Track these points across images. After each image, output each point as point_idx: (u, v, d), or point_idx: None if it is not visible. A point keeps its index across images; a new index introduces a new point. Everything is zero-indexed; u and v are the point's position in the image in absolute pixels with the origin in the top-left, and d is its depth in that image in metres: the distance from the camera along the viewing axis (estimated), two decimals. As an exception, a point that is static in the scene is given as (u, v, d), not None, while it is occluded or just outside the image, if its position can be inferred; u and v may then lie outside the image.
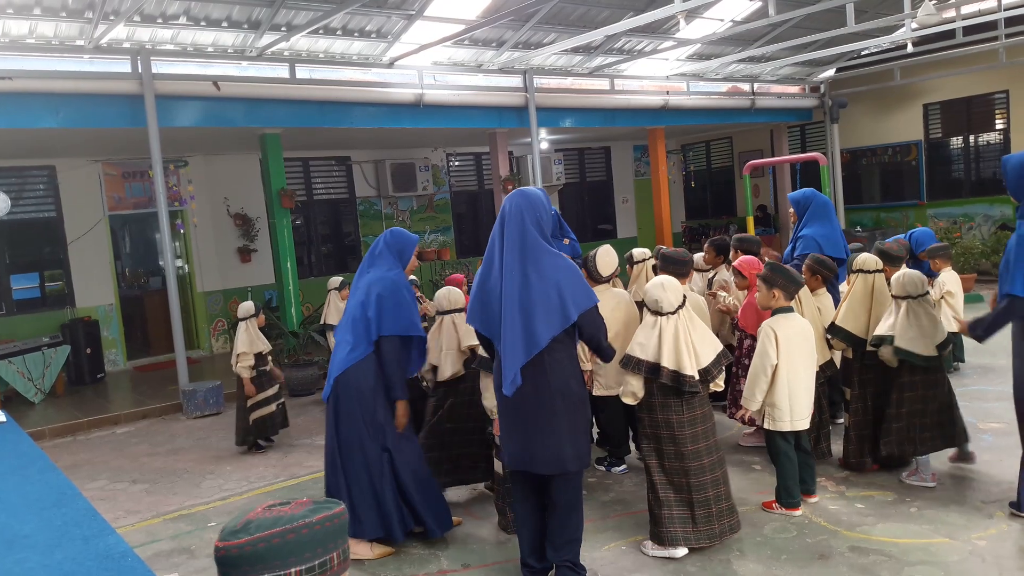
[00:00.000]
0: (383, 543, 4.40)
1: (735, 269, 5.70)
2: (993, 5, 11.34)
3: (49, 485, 2.95)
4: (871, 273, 4.97)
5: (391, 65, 10.19)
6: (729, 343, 5.86)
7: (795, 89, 15.59)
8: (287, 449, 6.91)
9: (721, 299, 5.97)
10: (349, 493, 4.29)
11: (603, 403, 5.24)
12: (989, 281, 4.36)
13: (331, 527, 1.33)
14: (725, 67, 13.86)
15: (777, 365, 4.37)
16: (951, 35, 12.35)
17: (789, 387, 4.39)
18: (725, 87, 14.45)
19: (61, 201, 10.91)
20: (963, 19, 11.34)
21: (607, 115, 12.91)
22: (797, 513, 4.47)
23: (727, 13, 11.54)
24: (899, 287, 4.72)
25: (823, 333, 5.08)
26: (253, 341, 6.69)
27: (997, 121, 14.21)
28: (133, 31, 8.30)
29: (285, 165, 10.51)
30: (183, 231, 11.93)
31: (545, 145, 14.49)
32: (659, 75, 13.25)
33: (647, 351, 3.95)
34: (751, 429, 5.71)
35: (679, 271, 4.99)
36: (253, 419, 6.78)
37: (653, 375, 3.93)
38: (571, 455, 3.60)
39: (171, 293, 8.93)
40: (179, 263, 12.00)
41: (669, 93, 13.40)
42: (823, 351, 5.07)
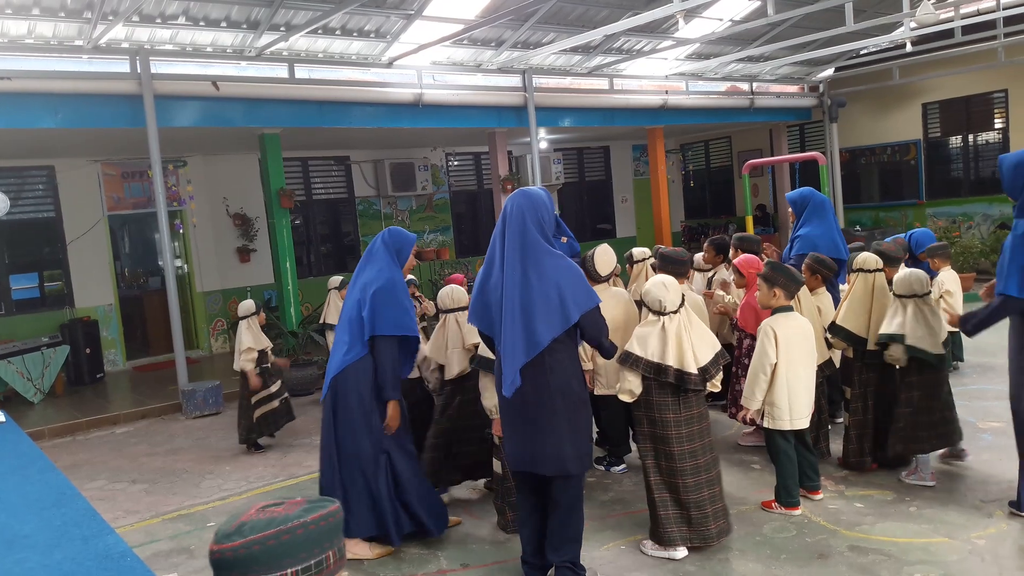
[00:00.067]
0: (381, 543, 4.41)
1: (735, 267, 5.71)
2: (992, 4, 11.34)
3: (48, 485, 2.95)
4: (871, 272, 4.97)
5: (390, 65, 10.19)
6: (729, 343, 5.86)
7: (794, 88, 15.60)
8: (286, 449, 6.91)
9: (719, 298, 5.96)
10: (344, 492, 4.28)
11: (603, 402, 5.25)
12: (988, 280, 4.38)
13: (326, 526, 1.31)
14: (724, 67, 13.86)
15: (776, 364, 4.37)
16: (950, 34, 12.36)
17: (788, 386, 4.40)
18: (724, 87, 14.45)
19: (60, 201, 10.90)
20: (962, 18, 11.35)
21: (606, 115, 12.91)
22: (796, 512, 4.47)
23: (726, 12, 11.55)
24: (906, 286, 4.72)
25: (822, 333, 5.08)
26: (257, 338, 6.72)
27: (996, 120, 14.21)
28: (132, 31, 8.29)
29: (284, 165, 10.50)
30: (182, 231, 11.93)
31: (544, 145, 14.49)
32: (658, 75, 13.25)
33: (648, 350, 3.95)
34: (750, 428, 5.72)
35: (678, 271, 5.01)
36: (257, 416, 6.79)
37: (655, 374, 3.93)
38: (572, 456, 3.59)
39: (170, 293, 8.93)
40: (178, 263, 11.99)
41: (668, 93, 13.40)
42: (822, 350, 5.08)
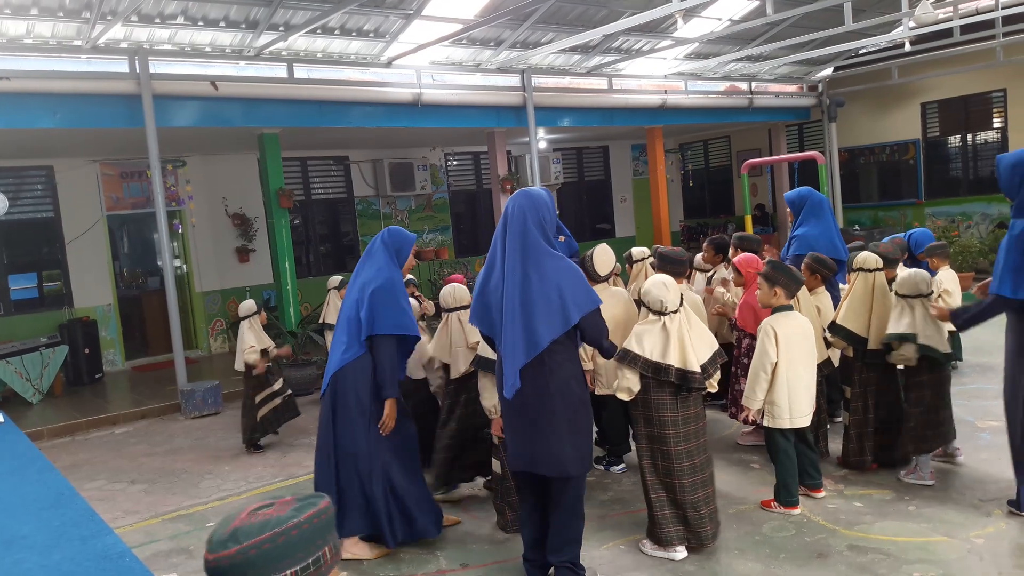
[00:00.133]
0: (380, 543, 4.40)
1: (734, 266, 5.71)
2: (990, 4, 11.34)
3: (47, 486, 2.95)
4: (871, 272, 4.97)
5: (389, 65, 10.19)
6: (728, 342, 5.86)
7: (793, 88, 15.60)
8: (285, 449, 6.91)
9: (720, 295, 5.97)
10: (339, 491, 4.29)
11: (603, 402, 5.24)
12: (985, 280, 4.43)
13: (319, 523, 1.30)
14: (723, 66, 13.86)
15: (777, 363, 4.38)
16: (948, 34, 12.35)
17: (788, 385, 4.40)
18: (723, 86, 14.44)
19: (59, 201, 10.89)
20: (960, 18, 11.35)
21: (605, 114, 12.90)
22: (795, 512, 4.48)
23: (725, 12, 11.55)
24: (911, 286, 4.72)
25: (821, 332, 5.08)
26: (259, 338, 6.74)
27: (995, 120, 14.22)
28: (131, 31, 8.29)
29: (283, 165, 10.49)
30: (181, 231, 11.92)
31: (543, 144, 14.48)
32: (657, 74, 13.25)
33: (647, 349, 3.95)
34: (749, 428, 5.72)
35: (677, 270, 5.01)
36: (260, 416, 6.81)
37: (656, 374, 3.93)
38: (571, 457, 3.59)
39: (169, 293, 8.92)
40: (177, 263, 11.99)
41: (667, 92, 13.40)
42: (820, 350, 5.08)
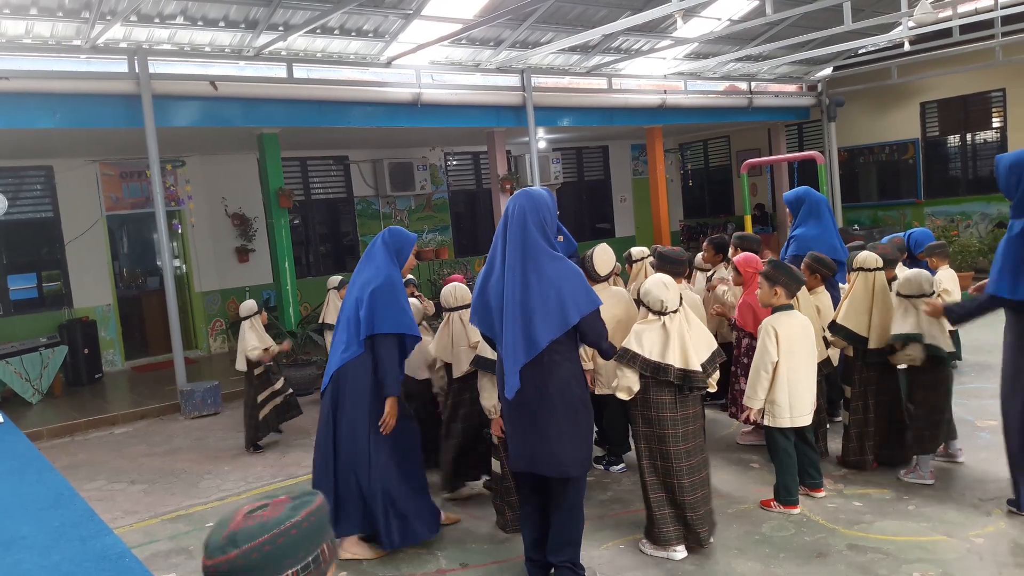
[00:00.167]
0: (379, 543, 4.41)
1: (733, 266, 5.71)
2: (990, 3, 11.34)
3: (47, 486, 2.95)
4: (871, 271, 4.97)
5: (389, 64, 10.19)
6: (727, 342, 5.87)
7: (792, 88, 15.60)
8: (285, 449, 6.91)
9: (722, 293, 5.99)
10: (336, 489, 4.31)
11: (603, 402, 5.24)
12: (984, 280, 4.49)
13: (316, 521, 1.29)
14: (722, 66, 13.86)
15: (777, 362, 4.38)
16: (948, 33, 12.36)
17: (789, 384, 4.41)
18: (722, 86, 14.45)
19: (58, 201, 10.89)
20: (960, 17, 11.35)
21: (605, 114, 12.90)
22: (795, 511, 4.48)
23: (724, 12, 11.55)
24: (915, 287, 4.73)
25: (820, 332, 5.08)
26: (261, 337, 6.77)
27: (994, 119, 14.23)
28: (130, 31, 8.28)
29: (283, 165, 10.49)
30: (180, 231, 11.92)
31: (543, 144, 14.49)
32: (657, 74, 13.25)
33: (646, 348, 3.94)
34: (749, 428, 5.72)
35: (676, 270, 5.01)
36: (264, 415, 6.83)
37: (655, 373, 3.93)
38: (571, 458, 3.59)
39: (169, 293, 8.91)
40: (177, 263, 11.98)
41: (667, 92, 13.40)
42: (820, 349, 5.08)
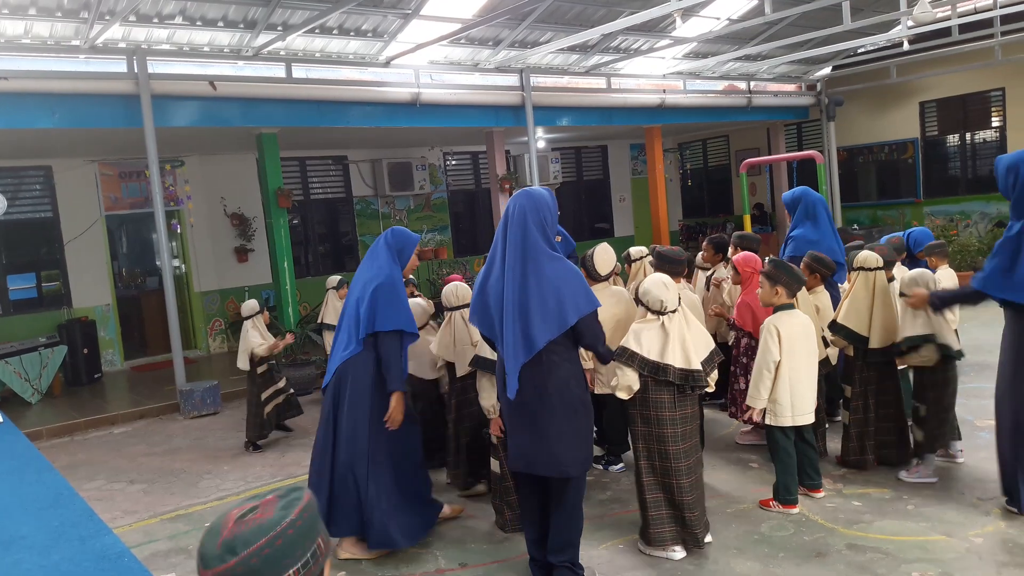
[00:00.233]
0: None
1: (733, 265, 5.72)
2: (989, 3, 11.35)
3: (46, 486, 2.95)
4: (872, 271, 4.97)
5: (388, 64, 10.19)
6: (726, 342, 5.87)
7: (791, 87, 15.60)
8: (284, 448, 6.91)
9: (725, 288, 6.02)
10: (331, 488, 4.34)
11: (603, 401, 5.24)
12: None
13: (310, 516, 1.28)
14: (721, 65, 13.86)
15: (780, 361, 4.39)
16: (947, 33, 12.37)
17: (791, 383, 4.41)
18: (721, 85, 14.45)
19: (57, 201, 10.88)
20: (959, 17, 11.36)
21: (604, 114, 12.91)
22: (794, 511, 4.48)
23: (723, 11, 11.55)
24: (923, 287, 4.73)
25: (820, 331, 5.08)
26: (263, 337, 6.82)
27: (993, 119, 14.24)
28: (129, 31, 8.28)
29: (282, 165, 10.49)
30: (179, 231, 11.91)
31: (542, 144, 14.49)
32: (656, 74, 13.25)
33: (645, 347, 3.94)
34: (748, 427, 5.73)
35: (675, 270, 5.01)
36: (267, 413, 6.88)
37: (655, 373, 3.92)
38: (570, 459, 3.59)
39: (168, 293, 8.91)
40: (176, 263, 11.98)
41: (666, 92, 13.40)
42: (819, 349, 5.08)
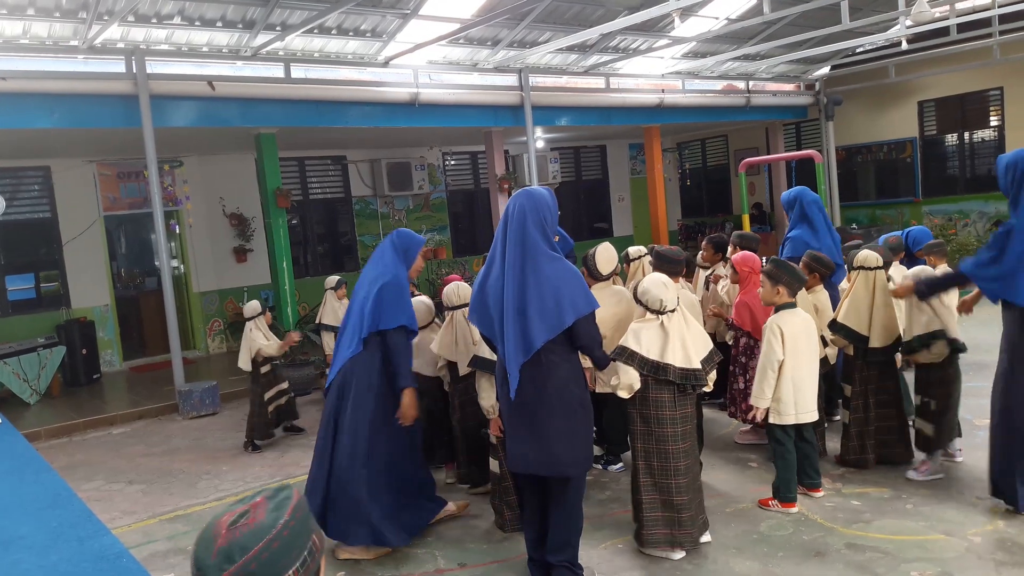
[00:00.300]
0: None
1: (731, 264, 5.72)
2: (987, 2, 11.36)
3: (45, 486, 2.95)
4: (872, 270, 4.98)
5: (386, 64, 10.18)
6: (725, 341, 5.87)
7: (790, 87, 15.60)
8: (283, 449, 6.91)
9: (721, 290, 6.03)
10: (328, 489, 4.35)
11: (604, 401, 5.24)
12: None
13: (302, 514, 1.27)
14: (720, 65, 13.86)
15: (783, 360, 4.39)
16: (945, 32, 12.38)
17: (794, 381, 4.42)
18: (720, 85, 14.45)
19: (56, 202, 10.87)
20: (957, 16, 11.37)
21: (603, 113, 12.91)
22: (793, 510, 4.48)
23: (722, 11, 11.55)
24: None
25: (819, 330, 5.08)
26: (267, 337, 6.85)
27: (992, 118, 14.25)
28: (127, 31, 8.28)
29: (281, 165, 10.49)
30: (178, 231, 11.91)
31: (541, 144, 14.49)
32: (654, 73, 13.25)
33: (645, 347, 3.93)
34: (747, 427, 5.73)
35: (674, 269, 5.01)
36: (270, 413, 6.93)
37: (655, 373, 3.92)
38: (570, 459, 3.59)
39: (167, 293, 8.90)
40: (175, 263, 11.97)
41: (664, 91, 13.40)
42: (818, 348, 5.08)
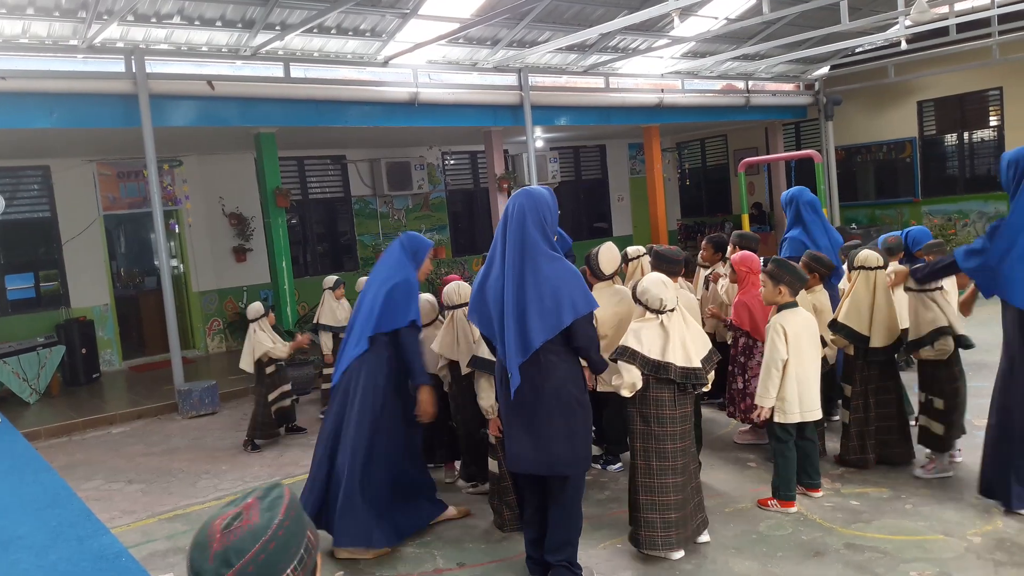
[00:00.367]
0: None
1: (731, 264, 5.72)
2: (986, 2, 11.36)
3: (44, 486, 2.95)
4: (872, 270, 4.98)
5: (386, 64, 10.18)
6: (725, 341, 5.87)
7: (789, 87, 15.61)
8: (282, 448, 6.91)
9: (720, 288, 6.04)
10: (327, 488, 4.36)
11: (605, 400, 5.24)
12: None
13: (296, 513, 1.26)
14: (719, 65, 13.87)
15: (787, 360, 4.40)
16: (945, 32, 12.38)
17: (798, 380, 4.43)
18: (720, 85, 14.45)
19: (56, 201, 10.87)
20: (956, 16, 11.37)
21: (602, 113, 12.91)
22: (793, 509, 4.48)
23: (721, 11, 11.55)
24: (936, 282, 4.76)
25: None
26: (273, 338, 6.87)
27: (991, 118, 14.25)
28: (127, 31, 8.28)
29: (280, 164, 10.49)
30: (178, 231, 11.91)
31: (540, 143, 14.49)
32: (654, 73, 13.25)
33: (646, 347, 3.93)
34: (746, 427, 5.73)
35: (673, 269, 5.01)
36: (275, 412, 6.96)
37: (656, 372, 3.92)
38: (568, 458, 3.60)
39: (166, 293, 8.89)
40: (174, 263, 11.96)
41: (664, 91, 13.40)
42: (818, 348, 5.09)
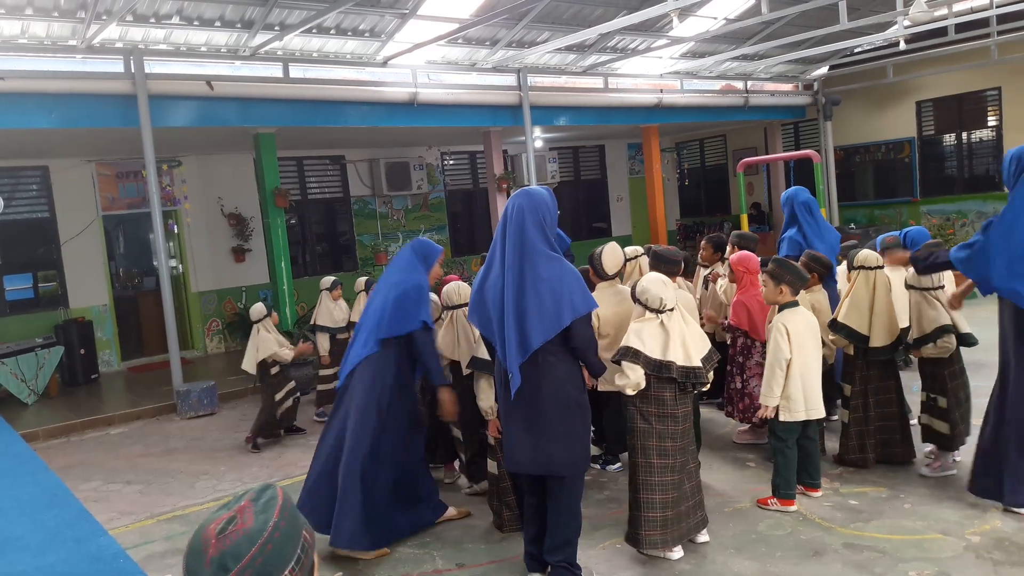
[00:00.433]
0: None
1: (729, 264, 5.72)
2: (985, 2, 11.37)
3: (42, 487, 2.95)
4: (872, 270, 4.98)
5: (385, 64, 10.18)
6: (724, 341, 5.87)
7: (788, 87, 15.61)
8: (282, 449, 6.91)
9: (720, 288, 6.04)
10: (326, 487, 4.37)
11: (605, 400, 5.23)
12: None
13: (290, 513, 1.26)
14: (718, 65, 13.87)
15: (790, 358, 4.40)
16: (943, 32, 12.39)
17: (802, 379, 4.44)
18: (718, 85, 14.46)
19: (54, 201, 10.86)
20: (955, 16, 11.38)
21: (601, 113, 12.91)
22: (792, 508, 4.48)
23: (720, 11, 11.55)
24: (936, 279, 4.77)
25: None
26: (276, 338, 6.88)
27: (990, 118, 14.25)
28: (126, 31, 8.27)
29: (279, 164, 10.48)
30: (177, 231, 11.90)
31: (539, 143, 14.49)
32: (653, 73, 13.25)
33: (648, 346, 3.93)
34: (745, 427, 5.73)
35: (671, 269, 5.01)
36: (280, 412, 6.98)
37: (658, 371, 3.91)
38: (565, 458, 3.60)
39: (165, 293, 8.89)
40: (173, 263, 11.96)
41: (663, 91, 13.40)
42: (818, 348, 5.09)
